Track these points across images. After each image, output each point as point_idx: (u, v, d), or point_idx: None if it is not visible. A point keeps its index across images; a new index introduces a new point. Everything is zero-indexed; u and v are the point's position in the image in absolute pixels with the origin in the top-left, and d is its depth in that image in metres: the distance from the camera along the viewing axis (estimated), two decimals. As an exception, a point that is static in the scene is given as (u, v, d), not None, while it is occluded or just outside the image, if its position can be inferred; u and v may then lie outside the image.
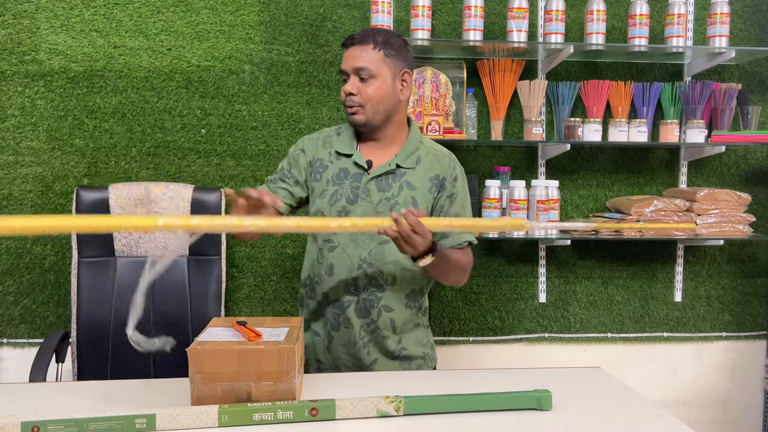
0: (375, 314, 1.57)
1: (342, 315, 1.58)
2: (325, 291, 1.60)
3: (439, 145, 1.69)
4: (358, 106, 1.54)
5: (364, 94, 1.54)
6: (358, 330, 1.58)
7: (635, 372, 2.59)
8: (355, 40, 1.55)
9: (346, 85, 1.55)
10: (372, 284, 1.57)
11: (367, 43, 1.53)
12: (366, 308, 1.57)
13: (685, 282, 2.60)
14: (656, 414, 1.25)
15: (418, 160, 1.61)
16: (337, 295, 1.59)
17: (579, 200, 2.53)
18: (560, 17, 2.29)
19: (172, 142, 2.32)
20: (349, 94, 1.55)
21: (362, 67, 1.53)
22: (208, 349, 1.18)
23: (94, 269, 2.04)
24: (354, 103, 1.54)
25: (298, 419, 1.15)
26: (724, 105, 2.39)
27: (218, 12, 2.31)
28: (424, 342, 1.68)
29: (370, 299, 1.57)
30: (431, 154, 1.63)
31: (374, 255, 1.56)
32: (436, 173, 1.60)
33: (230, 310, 2.37)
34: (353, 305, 1.57)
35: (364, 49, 1.53)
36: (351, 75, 1.55)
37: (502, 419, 1.19)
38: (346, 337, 1.59)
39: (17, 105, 2.24)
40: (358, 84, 1.54)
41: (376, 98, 1.54)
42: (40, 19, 2.23)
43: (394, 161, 1.58)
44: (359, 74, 1.53)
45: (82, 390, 1.38)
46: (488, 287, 2.52)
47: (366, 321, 1.58)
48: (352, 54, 1.54)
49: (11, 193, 2.25)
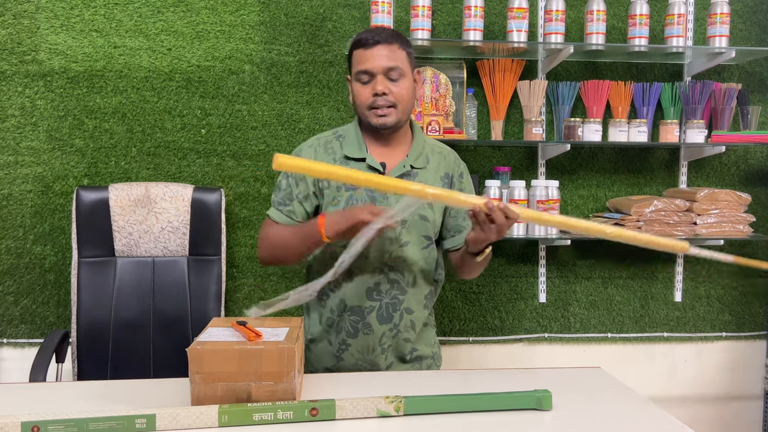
0: (397, 318, 1.56)
1: (362, 321, 1.55)
2: (341, 298, 1.56)
3: (439, 142, 1.69)
4: (391, 107, 1.50)
5: (396, 93, 1.50)
6: (379, 336, 1.56)
7: (635, 372, 2.59)
8: (381, 39, 1.49)
9: (377, 85, 1.49)
10: (394, 287, 1.55)
11: (392, 43, 1.50)
12: (389, 312, 1.55)
13: (685, 282, 2.60)
14: (656, 414, 1.25)
15: (428, 160, 1.60)
16: (357, 301, 1.55)
17: (579, 200, 2.53)
18: (560, 17, 2.29)
19: (172, 142, 2.32)
20: (382, 94, 1.49)
21: (394, 67, 1.49)
22: (208, 349, 1.18)
23: (94, 269, 2.05)
24: (387, 103, 1.49)
25: (298, 419, 1.15)
26: (724, 105, 2.39)
27: (218, 12, 2.31)
28: (432, 341, 1.69)
29: (392, 303, 1.55)
30: (436, 152, 1.63)
31: (395, 258, 1.54)
32: (445, 171, 1.61)
33: (230, 310, 2.37)
34: (375, 311, 1.55)
35: (392, 49, 1.50)
36: (378, 75, 1.49)
37: (502, 419, 1.19)
38: (364, 344, 1.56)
39: (17, 105, 2.24)
40: (388, 84, 1.49)
41: (407, 97, 1.52)
42: (40, 19, 2.23)
43: (408, 162, 1.56)
44: (389, 74, 1.49)
45: (82, 390, 1.38)
46: (488, 287, 2.52)
47: (389, 326, 1.56)
48: (378, 53, 1.48)
49: (11, 193, 2.25)
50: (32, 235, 2.27)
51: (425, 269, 1.59)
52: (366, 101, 1.51)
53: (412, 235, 1.56)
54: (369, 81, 1.50)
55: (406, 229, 1.55)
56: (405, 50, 1.53)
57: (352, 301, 1.55)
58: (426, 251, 1.59)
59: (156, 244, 2.08)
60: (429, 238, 1.60)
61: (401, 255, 1.54)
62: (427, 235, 1.59)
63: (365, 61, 1.49)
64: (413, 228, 1.56)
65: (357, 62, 1.52)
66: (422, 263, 1.57)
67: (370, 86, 1.50)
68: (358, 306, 1.55)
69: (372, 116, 1.52)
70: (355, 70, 1.52)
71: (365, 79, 1.51)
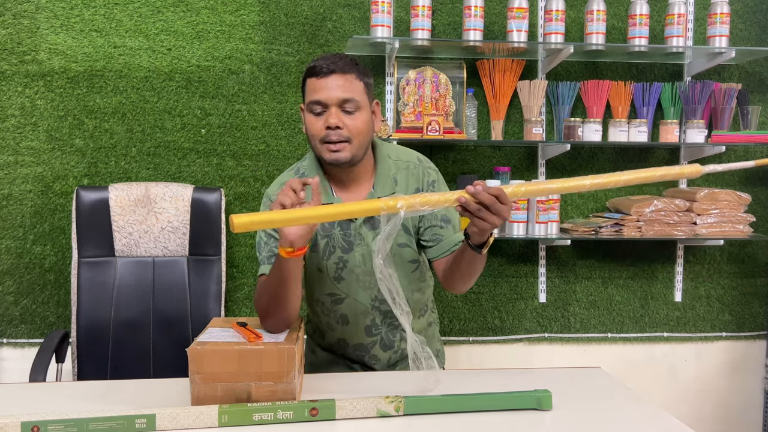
0: (398, 341, 1.57)
1: (367, 354, 1.57)
2: (340, 337, 1.57)
3: (403, 150, 1.59)
4: (344, 142, 1.39)
5: (351, 127, 1.39)
6: (386, 362, 1.58)
7: (635, 372, 2.59)
8: (336, 68, 1.38)
9: (330, 118, 1.37)
10: (388, 317, 1.55)
11: (349, 72, 1.39)
12: (390, 340, 1.56)
13: (685, 282, 2.60)
14: (656, 414, 1.25)
15: (396, 181, 1.51)
16: (356, 339, 1.56)
17: (579, 200, 2.53)
18: (560, 17, 2.29)
19: (172, 142, 2.32)
20: (335, 127, 1.38)
21: (349, 98, 1.38)
22: (208, 349, 1.18)
23: (94, 269, 2.05)
24: (341, 137, 1.38)
25: (298, 419, 1.15)
26: (724, 105, 2.39)
27: (218, 12, 2.31)
28: (435, 339, 1.69)
29: (391, 331, 1.56)
30: (402, 168, 1.53)
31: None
32: (415, 187, 1.53)
33: (230, 310, 2.37)
34: (377, 344, 1.56)
35: (348, 79, 1.39)
36: (332, 107, 1.38)
37: (502, 419, 1.19)
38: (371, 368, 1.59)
39: (17, 105, 2.24)
40: (342, 117, 1.39)
41: (364, 131, 1.41)
42: (40, 19, 2.23)
43: (375, 195, 1.48)
44: (343, 107, 1.38)
45: (82, 390, 1.38)
46: (488, 287, 2.52)
47: (393, 350, 1.58)
48: (334, 84, 1.38)
49: (11, 193, 2.25)
50: (32, 235, 2.27)
51: (416, 284, 1.57)
52: (318, 134, 1.40)
53: (398, 264, 1.51)
54: (322, 112, 1.40)
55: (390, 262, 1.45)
56: (362, 81, 1.42)
57: (352, 339, 1.56)
58: (414, 274, 1.57)
59: (156, 244, 2.08)
60: (415, 261, 1.55)
61: None
62: (412, 259, 1.55)
63: (318, 91, 1.39)
64: (396, 258, 1.51)
65: (310, 91, 1.41)
66: (415, 283, 1.56)
67: (323, 118, 1.39)
68: (360, 343, 1.57)
69: (324, 151, 1.41)
70: (307, 99, 1.42)
71: (318, 110, 1.40)
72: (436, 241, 1.52)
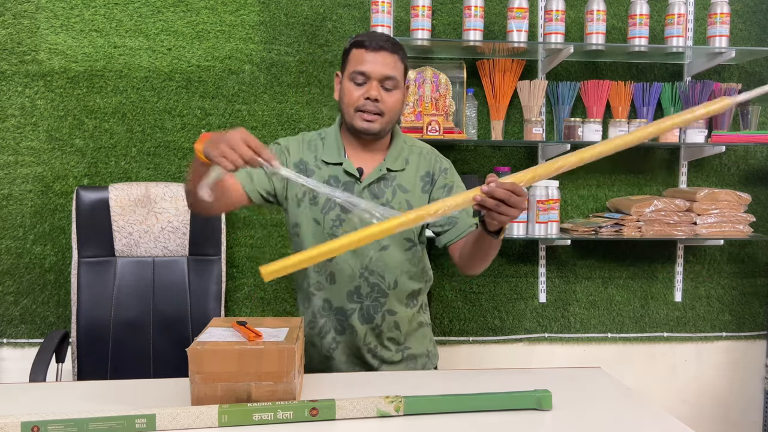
0: (379, 319, 1.57)
1: (346, 321, 1.57)
2: (326, 298, 1.58)
3: (420, 141, 1.66)
4: (378, 114, 1.48)
5: (388, 102, 1.48)
6: (362, 336, 1.57)
7: (635, 372, 2.59)
8: (387, 46, 1.47)
9: (371, 90, 1.47)
10: (375, 290, 1.55)
11: (396, 53, 1.49)
12: (370, 314, 1.56)
13: (685, 282, 2.60)
14: (656, 414, 1.25)
15: (407, 161, 1.58)
16: (338, 302, 1.56)
17: (579, 200, 2.53)
18: (560, 17, 2.29)
19: (172, 142, 2.32)
20: (374, 99, 1.47)
21: (392, 77, 1.48)
22: (208, 349, 1.18)
23: (94, 269, 2.05)
24: (376, 110, 1.48)
25: (298, 419, 1.15)
26: (724, 105, 2.39)
27: (218, 12, 2.31)
28: (426, 340, 1.68)
29: (373, 305, 1.56)
30: (416, 153, 1.60)
31: (375, 262, 1.54)
32: (425, 170, 1.58)
33: (230, 310, 2.37)
34: (356, 312, 1.56)
35: (394, 59, 1.49)
36: (374, 80, 1.47)
37: (502, 419, 1.19)
38: (351, 342, 1.58)
39: (17, 105, 2.24)
40: (382, 92, 1.48)
41: (396, 110, 1.51)
42: (40, 19, 2.23)
43: (384, 165, 1.54)
44: (384, 83, 1.48)
45: (82, 390, 1.37)
46: (488, 287, 2.52)
47: (371, 326, 1.57)
48: (382, 60, 1.47)
49: (11, 193, 2.25)
50: (32, 235, 2.27)
51: (410, 270, 1.58)
52: (355, 102, 1.48)
53: (392, 238, 1.53)
54: (363, 83, 1.48)
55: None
56: (404, 64, 1.52)
57: (335, 301, 1.56)
58: (410, 252, 1.58)
59: (156, 244, 2.08)
60: (411, 240, 1.58)
61: (381, 259, 1.54)
62: (408, 237, 1.57)
63: (365, 63, 1.47)
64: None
65: (355, 62, 1.48)
66: (407, 265, 1.57)
67: (364, 89, 1.48)
68: (341, 307, 1.56)
69: (357, 119, 1.49)
70: (351, 68, 1.49)
71: (360, 80, 1.48)
72: (452, 224, 1.56)
